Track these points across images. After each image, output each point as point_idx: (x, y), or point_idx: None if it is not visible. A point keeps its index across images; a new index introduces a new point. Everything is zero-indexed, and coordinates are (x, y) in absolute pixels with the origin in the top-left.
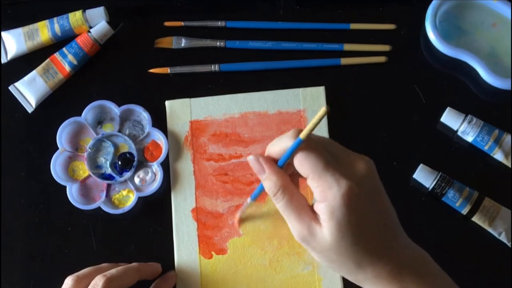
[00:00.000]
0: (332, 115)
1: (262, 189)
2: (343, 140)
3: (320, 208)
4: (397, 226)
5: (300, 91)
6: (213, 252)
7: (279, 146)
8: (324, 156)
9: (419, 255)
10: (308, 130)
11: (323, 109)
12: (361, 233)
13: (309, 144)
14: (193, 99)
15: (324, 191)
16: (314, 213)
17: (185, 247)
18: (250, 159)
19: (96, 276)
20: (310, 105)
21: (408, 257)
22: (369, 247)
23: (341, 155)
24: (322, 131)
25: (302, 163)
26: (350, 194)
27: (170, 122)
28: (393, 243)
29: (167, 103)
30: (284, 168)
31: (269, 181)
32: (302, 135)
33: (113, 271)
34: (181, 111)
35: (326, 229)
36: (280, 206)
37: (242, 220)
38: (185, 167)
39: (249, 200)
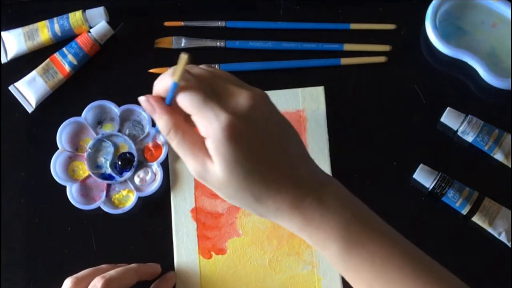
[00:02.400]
0: (332, 115)
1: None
2: (343, 140)
3: (207, 144)
4: (297, 155)
5: (299, 91)
6: (212, 252)
7: (162, 85)
8: (202, 91)
9: (325, 183)
10: (178, 73)
11: (184, 56)
12: (251, 166)
13: (188, 82)
14: None
15: (206, 127)
16: (208, 150)
17: (185, 247)
18: (141, 99)
19: (95, 278)
20: (310, 105)
21: (311, 186)
22: (263, 179)
23: (225, 88)
24: (322, 130)
25: (182, 101)
26: (231, 127)
27: None
28: (292, 174)
29: None
30: (177, 106)
31: (161, 120)
32: (175, 79)
33: (112, 272)
34: None
35: (216, 165)
36: (175, 144)
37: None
38: (185, 167)
39: (153, 131)
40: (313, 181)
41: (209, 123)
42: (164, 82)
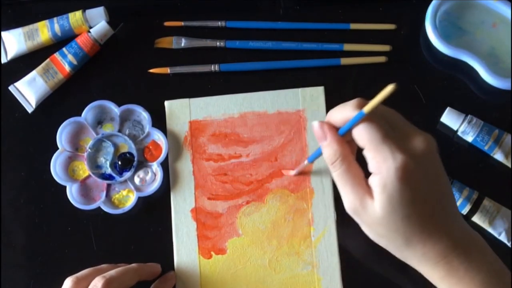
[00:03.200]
0: None
1: (320, 154)
2: None
3: (373, 180)
4: (451, 207)
5: (299, 91)
6: (212, 252)
7: (341, 114)
8: (383, 129)
9: (472, 238)
10: (373, 105)
11: (390, 86)
12: (412, 209)
13: (370, 115)
14: (192, 99)
15: (379, 163)
16: (368, 186)
17: (185, 247)
18: (315, 124)
19: (95, 277)
20: (309, 105)
21: (460, 238)
22: (420, 223)
23: (402, 128)
24: None
25: (361, 134)
26: (405, 168)
27: (169, 122)
28: (446, 222)
29: (166, 103)
30: (343, 136)
31: (330, 148)
32: (366, 110)
33: (112, 272)
34: (180, 111)
35: (377, 202)
36: (337, 174)
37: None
38: (185, 167)
39: (306, 162)
40: (463, 234)
41: (384, 161)
42: (345, 113)
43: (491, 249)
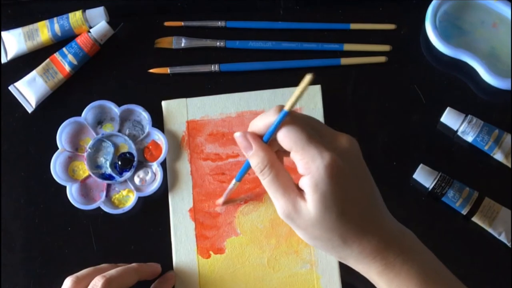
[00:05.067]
0: (332, 115)
1: (248, 168)
2: None
3: (304, 181)
4: (380, 202)
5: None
6: (211, 252)
7: (263, 121)
8: (307, 130)
9: (403, 231)
10: (292, 101)
11: (307, 77)
12: (345, 207)
13: (292, 119)
14: (189, 99)
15: (308, 164)
16: (299, 190)
17: (183, 247)
18: (237, 135)
19: (95, 277)
20: (307, 103)
21: (393, 233)
22: (354, 221)
23: (324, 131)
24: None
25: (286, 136)
26: (334, 165)
27: (166, 122)
28: (378, 218)
29: (163, 103)
30: (269, 145)
31: (256, 157)
32: (287, 107)
33: (112, 271)
34: (177, 111)
35: (310, 203)
36: (266, 182)
37: (226, 202)
38: (182, 167)
39: (233, 181)
40: (395, 229)
41: (312, 160)
42: (266, 119)
43: (421, 242)
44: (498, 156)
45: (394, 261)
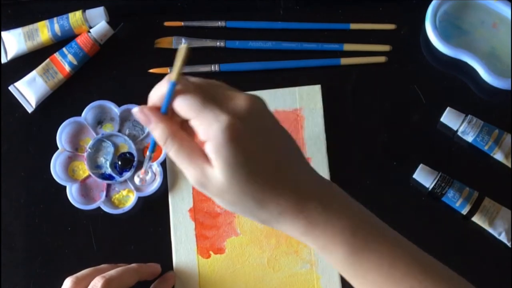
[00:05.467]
0: (332, 115)
1: (155, 141)
2: (343, 140)
3: (207, 147)
4: (296, 158)
5: (296, 90)
6: (211, 252)
7: (157, 93)
8: (201, 95)
9: (327, 187)
10: (176, 71)
11: (182, 46)
12: (253, 167)
13: (185, 87)
14: None
15: (206, 129)
16: (206, 156)
17: (183, 247)
18: (134, 111)
19: (95, 277)
20: (307, 103)
21: (314, 191)
22: (265, 181)
23: (222, 94)
24: (320, 130)
25: (180, 105)
26: (232, 128)
27: None
28: (295, 176)
29: None
30: (171, 115)
31: (157, 129)
32: (172, 77)
33: (112, 272)
34: None
35: (216, 169)
36: (172, 154)
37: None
38: None
39: (147, 154)
40: (315, 185)
41: (209, 125)
42: (160, 89)
43: (346, 194)
44: (498, 156)
45: (318, 218)
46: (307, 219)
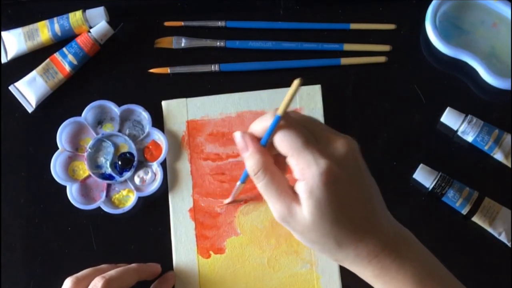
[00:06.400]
0: (332, 115)
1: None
2: None
3: (299, 187)
4: (379, 205)
5: None
6: (211, 252)
7: (261, 125)
8: (303, 134)
9: (401, 234)
10: (284, 105)
11: (296, 81)
12: (340, 212)
13: (288, 123)
14: (189, 99)
15: (303, 170)
16: (295, 194)
17: (183, 247)
18: (237, 135)
19: (95, 278)
20: (307, 103)
21: (390, 236)
22: (349, 226)
23: (322, 134)
24: None
25: (281, 141)
26: (329, 173)
27: (167, 122)
28: (375, 223)
29: (163, 103)
30: (268, 148)
31: (252, 159)
32: (279, 112)
33: (112, 272)
34: (177, 111)
35: (305, 208)
36: (261, 186)
37: (233, 203)
38: (182, 167)
39: (238, 183)
40: (392, 232)
41: (307, 167)
42: (264, 122)
43: (420, 242)
44: (498, 156)
45: (390, 264)
46: (381, 263)
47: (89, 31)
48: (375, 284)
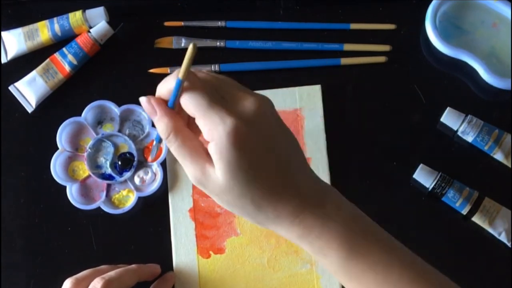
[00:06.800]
0: (332, 115)
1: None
2: (343, 140)
3: (210, 148)
4: (296, 164)
5: (296, 90)
6: (211, 252)
7: (166, 87)
8: (208, 94)
9: (324, 191)
10: (183, 68)
11: (190, 45)
12: (254, 173)
13: (194, 83)
14: None
15: (211, 130)
16: (208, 156)
17: (183, 247)
18: (142, 100)
19: (95, 278)
20: (307, 103)
21: (311, 195)
22: (265, 186)
23: (232, 92)
24: (319, 129)
25: (187, 102)
26: (236, 131)
27: None
28: (294, 182)
29: None
30: (178, 110)
31: (161, 123)
32: (180, 75)
33: (111, 273)
34: None
35: (218, 170)
36: (174, 149)
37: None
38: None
39: (154, 143)
40: (314, 190)
41: (214, 127)
42: (168, 84)
43: (345, 199)
44: (498, 156)
45: (314, 223)
46: (303, 223)
47: (89, 31)
48: (301, 245)
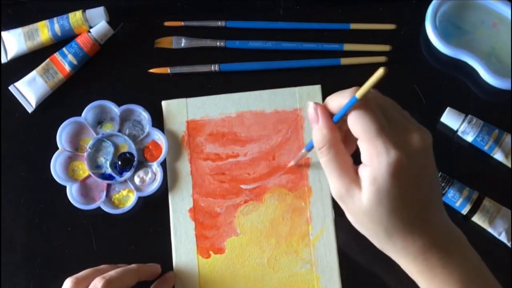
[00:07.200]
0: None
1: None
2: None
3: (364, 171)
4: (436, 204)
5: (296, 90)
6: (211, 252)
7: (337, 101)
8: (378, 121)
9: (452, 234)
10: (364, 89)
11: (380, 69)
12: (398, 205)
13: (366, 105)
14: (189, 99)
15: (372, 156)
16: (356, 175)
17: (183, 247)
18: (310, 105)
19: (95, 278)
20: (306, 103)
21: (440, 235)
22: (404, 220)
23: (398, 122)
24: None
25: (355, 124)
26: (397, 164)
27: (166, 122)
28: (429, 220)
29: (163, 103)
30: (339, 123)
31: (319, 132)
32: (358, 94)
33: (112, 272)
34: (177, 111)
35: (365, 193)
36: (324, 161)
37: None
38: (182, 167)
39: (303, 151)
40: (444, 231)
41: (377, 155)
42: (341, 98)
43: (470, 245)
44: (498, 156)
45: (436, 263)
46: (427, 260)
47: (89, 31)
48: (418, 279)
